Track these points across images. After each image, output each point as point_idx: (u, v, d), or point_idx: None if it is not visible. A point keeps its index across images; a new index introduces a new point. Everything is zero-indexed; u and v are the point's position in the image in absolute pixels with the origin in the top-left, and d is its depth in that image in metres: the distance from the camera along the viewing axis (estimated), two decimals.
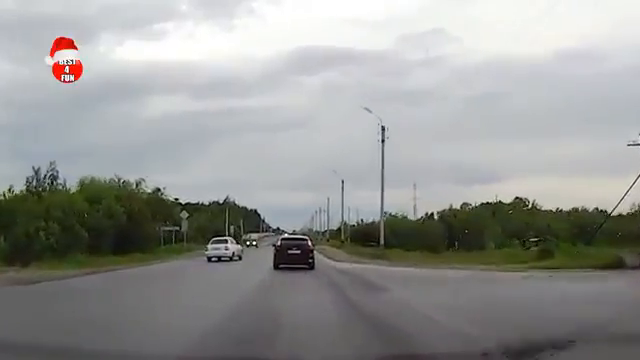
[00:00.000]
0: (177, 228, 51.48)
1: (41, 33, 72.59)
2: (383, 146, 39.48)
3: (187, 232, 53.56)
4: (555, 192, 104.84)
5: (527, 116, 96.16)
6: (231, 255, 39.19)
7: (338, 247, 70.78)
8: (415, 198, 72.32)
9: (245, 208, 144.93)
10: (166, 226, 54.18)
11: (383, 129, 39.53)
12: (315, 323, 10.64)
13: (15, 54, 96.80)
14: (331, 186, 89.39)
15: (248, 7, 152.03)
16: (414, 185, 75.32)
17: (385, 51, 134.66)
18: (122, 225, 42.09)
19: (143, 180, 52.57)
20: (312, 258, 27.45)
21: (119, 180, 51.99)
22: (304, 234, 57.72)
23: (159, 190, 67.88)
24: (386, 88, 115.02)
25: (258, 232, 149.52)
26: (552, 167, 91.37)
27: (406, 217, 72.28)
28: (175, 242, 51.81)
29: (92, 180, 48.83)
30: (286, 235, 42.36)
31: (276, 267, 27.03)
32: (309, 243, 28.89)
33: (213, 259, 38.01)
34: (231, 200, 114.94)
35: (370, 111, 40.38)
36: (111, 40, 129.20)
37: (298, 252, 27.28)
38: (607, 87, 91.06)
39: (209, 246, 40.15)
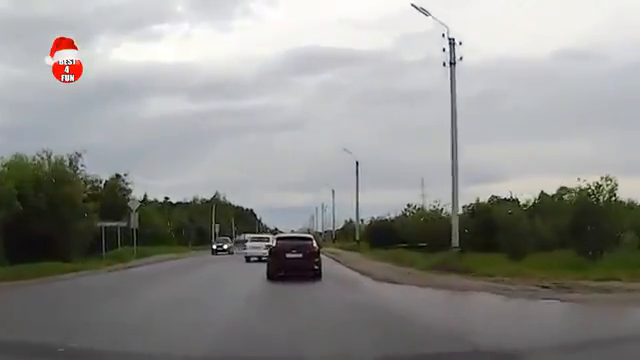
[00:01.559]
0: (123, 224, 35.60)
1: (37, 34, 72.18)
2: (453, 70, 23.47)
3: (138, 229, 37.30)
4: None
5: (527, 115, 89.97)
6: None
7: (352, 249, 55.03)
8: (423, 195, 59.71)
9: (240, 208, 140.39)
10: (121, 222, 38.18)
11: (452, 44, 23.54)
12: None
13: (10, 55, 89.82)
14: (332, 181, 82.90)
15: (244, 8, 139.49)
16: (422, 181, 65.13)
17: (383, 51, 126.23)
18: (19, 219, 26.41)
19: (79, 156, 36.13)
20: (318, 264, 21.35)
21: (48, 157, 35.86)
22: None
23: (119, 177, 52.32)
24: (385, 88, 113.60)
25: (253, 233, 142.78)
26: (554, 167, 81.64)
27: (442, 211, 57.19)
28: (121, 245, 35.80)
29: (17, 156, 33.12)
30: (283, 234, 32.44)
31: (271, 277, 20.66)
32: (313, 244, 22.36)
33: (253, 259, 34.06)
34: (221, 197, 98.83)
35: (425, 11, 23.93)
36: (107, 41, 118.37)
37: (299, 256, 21.03)
38: (607, 86, 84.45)
39: (248, 244, 37.07)
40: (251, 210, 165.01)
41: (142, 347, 8.61)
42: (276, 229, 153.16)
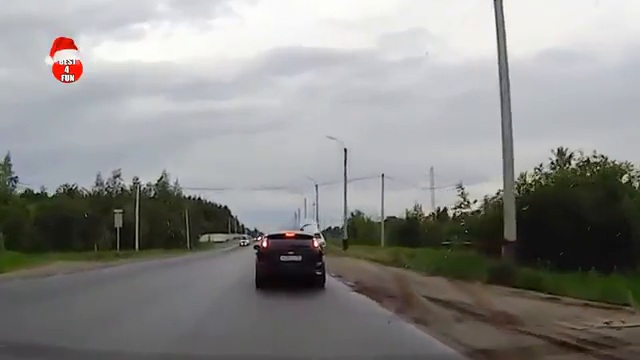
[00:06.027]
0: None
1: (17, 34, 74.38)
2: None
3: None
4: None
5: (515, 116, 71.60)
6: None
7: (386, 262, 27.93)
8: (433, 188, 54.09)
9: (212, 204, 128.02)
10: None
11: None
12: None
13: None
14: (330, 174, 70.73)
15: (225, 7, 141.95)
16: (431, 169, 60.42)
17: (365, 51, 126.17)
18: None
19: None
20: (321, 268, 17.00)
21: None
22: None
23: None
24: (366, 89, 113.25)
25: (226, 233, 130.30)
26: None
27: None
28: None
29: None
30: (276, 232, 20.33)
31: (260, 284, 16.49)
32: (314, 243, 17.68)
33: None
34: (170, 184, 70.80)
35: None
36: (88, 41, 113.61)
37: (297, 259, 16.53)
38: (589, 88, 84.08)
39: None
40: (225, 207, 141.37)
41: None
42: (256, 230, 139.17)
